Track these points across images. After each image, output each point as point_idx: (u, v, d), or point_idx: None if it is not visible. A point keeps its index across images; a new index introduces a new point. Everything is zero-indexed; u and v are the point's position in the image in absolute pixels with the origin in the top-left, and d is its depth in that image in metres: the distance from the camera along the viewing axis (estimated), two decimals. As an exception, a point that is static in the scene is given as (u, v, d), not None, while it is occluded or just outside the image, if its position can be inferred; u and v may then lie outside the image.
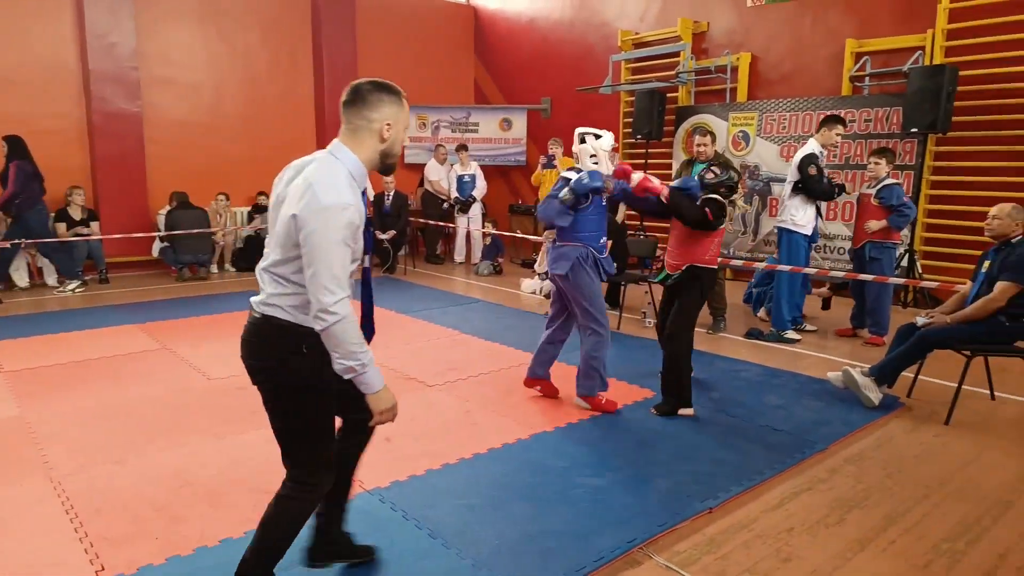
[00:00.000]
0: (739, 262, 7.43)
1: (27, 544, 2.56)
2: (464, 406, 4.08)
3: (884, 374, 4.05)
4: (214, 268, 8.92)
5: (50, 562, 2.45)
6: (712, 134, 5.79)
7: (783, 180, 7.29)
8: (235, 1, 9.40)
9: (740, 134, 8.16)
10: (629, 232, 6.81)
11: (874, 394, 4.03)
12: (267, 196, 9.34)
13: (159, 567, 2.42)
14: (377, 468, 3.21)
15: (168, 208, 8.47)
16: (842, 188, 5.61)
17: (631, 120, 9.02)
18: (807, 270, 5.62)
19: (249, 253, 9.13)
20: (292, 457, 2.09)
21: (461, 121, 11.11)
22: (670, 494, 2.99)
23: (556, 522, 2.75)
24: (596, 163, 3.90)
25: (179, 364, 4.88)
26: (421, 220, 9.84)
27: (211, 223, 8.58)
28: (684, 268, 3.97)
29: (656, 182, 3.79)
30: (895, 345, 4.16)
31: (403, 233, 9.07)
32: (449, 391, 4.34)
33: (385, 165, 2.12)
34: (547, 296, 7.23)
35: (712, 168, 3.97)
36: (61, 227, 7.71)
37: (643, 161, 9.07)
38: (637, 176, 3.81)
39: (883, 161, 5.44)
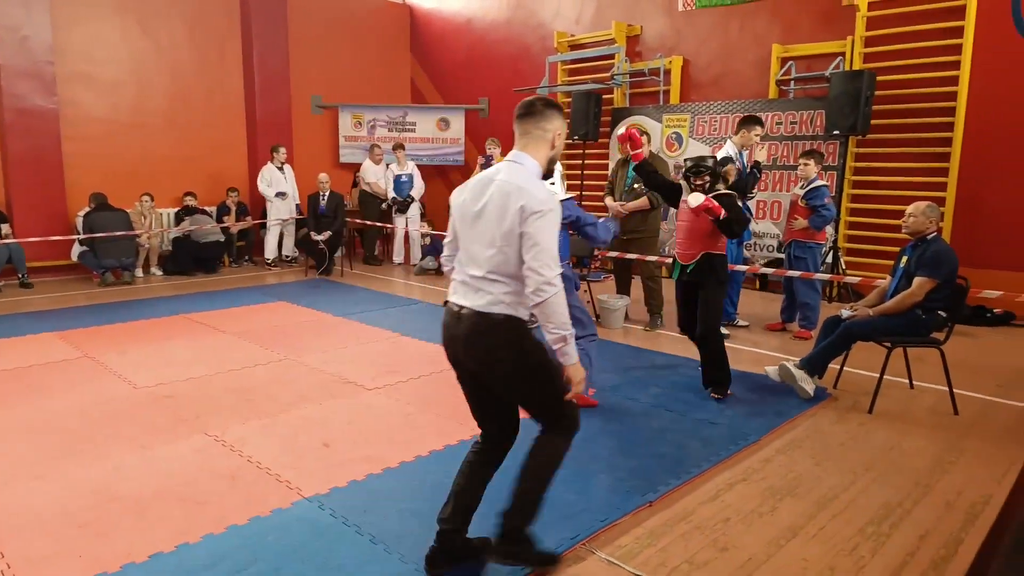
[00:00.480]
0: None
1: (-66, 569, 2.40)
2: (404, 409, 4.03)
3: (814, 366, 4.21)
4: (139, 272, 8.55)
5: (-40, 587, 2.30)
6: (647, 134, 5.90)
7: (715, 180, 7.51)
8: (158, -6, 9.04)
9: (673, 135, 8.35)
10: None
11: (809, 386, 4.18)
12: (195, 197, 9.04)
13: (82, 587, 2.30)
14: (316, 474, 3.14)
15: (87, 210, 8.06)
16: (757, 166, 5.63)
17: (568, 121, 9.10)
18: (738, 267, 5.80)
19: (178, 256, 8.79)
20: (548, 415, 2.40)
21: (398, 120, 10.99)
22: (611, 489, 3.03)
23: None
24: (553, 183, 4.00)
25: (103, 373, 4.66)
26: (358, 221, 9.69)
27: (135, 225, 8.22)
28: (700, 255, 4.19)
29: (715, 203, 3.99)
30: (822, 337, 4.33)
31: (339, 234, 8.90)
32: (389, 394, 4.28)
33: (548, 170, 2.40)
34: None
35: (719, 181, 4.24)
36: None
37: (580, 161, 9.18)
38: (697, 198, 3.99)
39: (811, 162, 5.66)
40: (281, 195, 9.25)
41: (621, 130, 5.53)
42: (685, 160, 4.41)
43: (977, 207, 6.43)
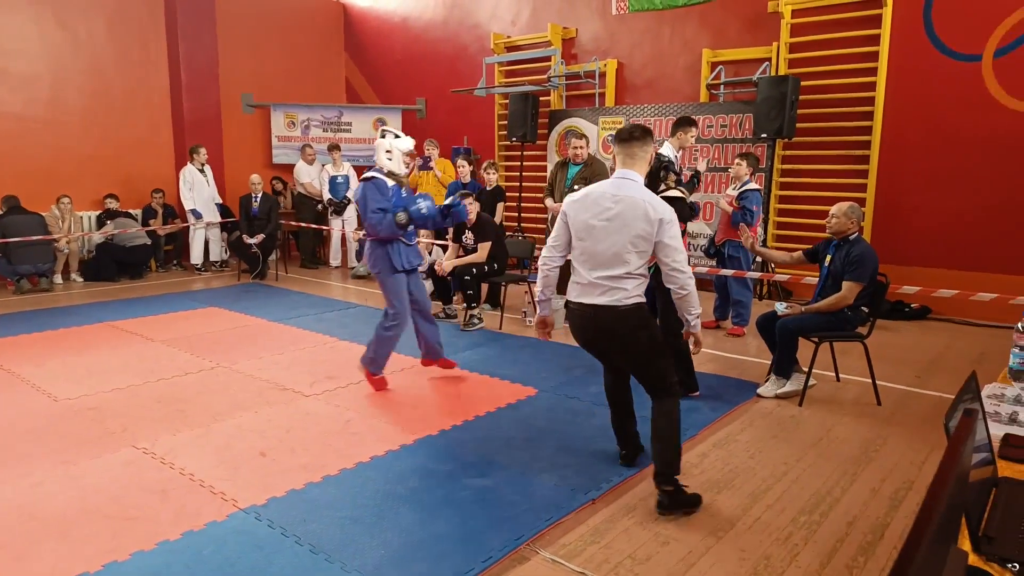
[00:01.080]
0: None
1: None
2: (344, 415, 3.95)
3: (783, 369, 4.35)
4: (58, 279, 8.12)
5: None
6: (587, 137, 6.00)
7: (650, 181, 7.66)
8: (75, -14, 8.61)
9: (609, 137, 8.49)
10: (508, 233, 6.90)
11: (793, 387, 4.31)
12: (117, 199, 8.64)
13: (-1, 614, 2.17)
14: (253, 485, 3.04)
15: (0, 213, 7.60)
16: (696, 173, 5.80)
17: (506, 123, 9.14)
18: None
19: (101, 262, 8.38)
20: (663, 382, 2.97)
21: (333, 120, 10.79)
22: (555, 488, 3.05)
23: (443, 526, 2.72)
24: (390, 159, 4.26)
25: (19, 385, 4.40)
26: (293, 223, 9.46)
27: (51, 229, 7.80)
28: None
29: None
30: (764, 338, 4.46)
31: (273, 237, 8.66)
32: (327, 400, 4.20)
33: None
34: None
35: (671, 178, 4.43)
36: None
37: (519, 163, 9.22)
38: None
39: (744, 163, 5.83)
40: (196, 213, 8.92)
41: (555, 134, 5.60)
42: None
43: (895, 207, 6.77)
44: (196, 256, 9.08)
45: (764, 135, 6.94)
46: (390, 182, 4.23)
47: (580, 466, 3.29)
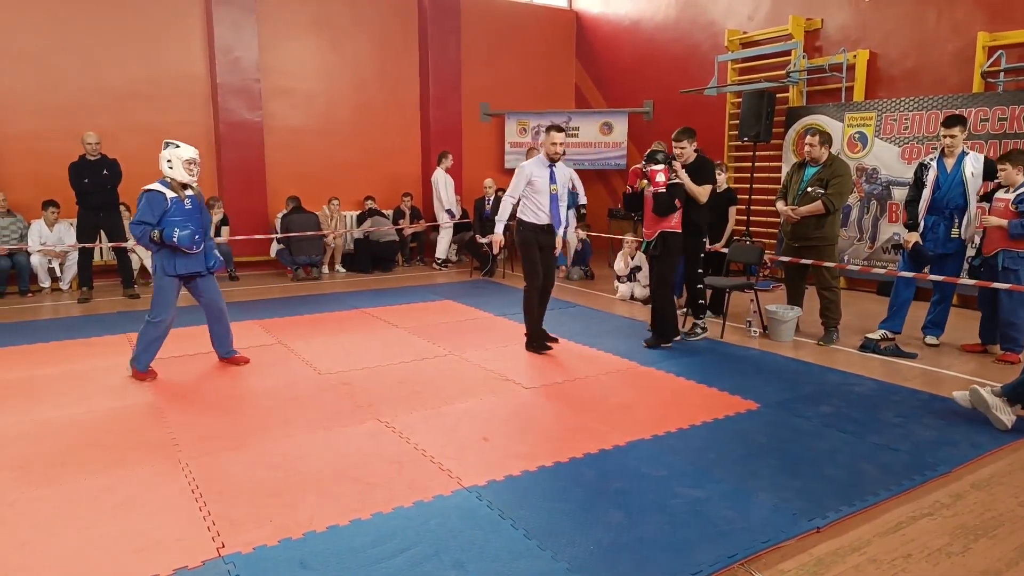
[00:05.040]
0: (856, 267, 7.02)
1: (156, 519, 2.79)
2: (560, 410, 4.08)
3: (1019, 394, 3.72)
4: (325, 269, 9.38)
5: (176, 537, 2.65)
6: (824, 133, 5.54)
7: (904, 183, 6.86)
8: (347, 13, 9.87)
9: (856, 135, 7.74)
10: (736, 237, 6.59)
11: (1007, 416, 3.71)
12: (374, 200, 9.76)
13: (272, 548, 2.57)
14: (475, 466, 3.27)
15: (284, 212, 8.99)
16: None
17: (737, 122, 8.74)
18: (904, 274, 5.25)
19: (358, 255, 9.53)
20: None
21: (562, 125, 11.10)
22: (774, 510, 2.88)
23: (652, 531, 2.70)
24: (171, 167, 4.49)
25: (291, 358, 5.17)
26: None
27: (323, 226, 9.02)
28: (658, 234, 5.30)
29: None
30: None
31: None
32: (545, 394, 4.36)
33: None
34: (645, 302, 7.13)
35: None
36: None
37: (750, 164, 8.77)
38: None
39: (1008, 166, 5.00)
40: (449, 213, 9.72)
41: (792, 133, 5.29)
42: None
43: None
44: (441, 251, 9.92)
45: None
46: (170, 194, 4.46)
47: (804, 490, 3.06)
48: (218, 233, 8.48)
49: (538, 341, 5.39)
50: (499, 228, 5.41)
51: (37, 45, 8.03)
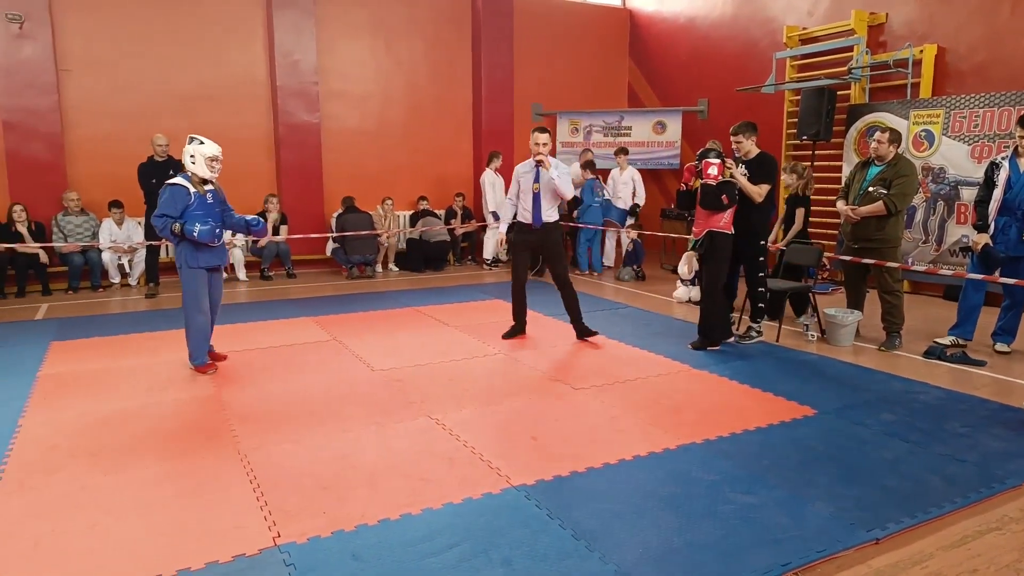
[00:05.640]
0: (921, 268, 6.75)
1: (216, 507, 2.89)
2: (610, 411, 4.06)
3: None
4: (379, 268, 9.54)
5: (235, 525, 2.75)
6: (893, 131, 5.36)
7: (973, 183, 6.58)
8: (402, 15, 10.02)
9: (923, 133, 7.45)
10: (795, 240, 6.41)
11: None
12: (427, 200, 9.87)
13: (325, 539, 2.64)
14: (524, 466, 3.28)
15: (339, 212, 9.18)
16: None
17: (796, 120, 8.52)
18: (1005, 280, 5.02)
19: (411, 255, 9.67)
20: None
21: (613, 125, 11.05)
22: (831, 519, 2.80)
23: (703, 536, 2.67)
24: (194, 163, 4.60)
25: (346, 354, 5.28)
26: (570, 224, 9.86)
27: (377, 226, 9.18)
28: (705, 233, 5.26)
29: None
30: None
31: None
32: (595, 395, 4.34)
33: None
34: (697, 303, 7.02)
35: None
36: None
37: (809, 163, 8.53)
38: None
39: None
40: (495, 215, 9.73)
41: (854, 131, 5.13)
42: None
43: None
44: (489, 251, 9.97)
45: None
46: (192, 188, 4.58)
47: (863, 500, 2.97)
48: (276, 232, 8.74)
49: (514, 331, 5.83)
50: (502, 228, 5.78)
51: (112, 52, 8.42)
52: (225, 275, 8.67)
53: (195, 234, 4.48)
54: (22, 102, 7.94)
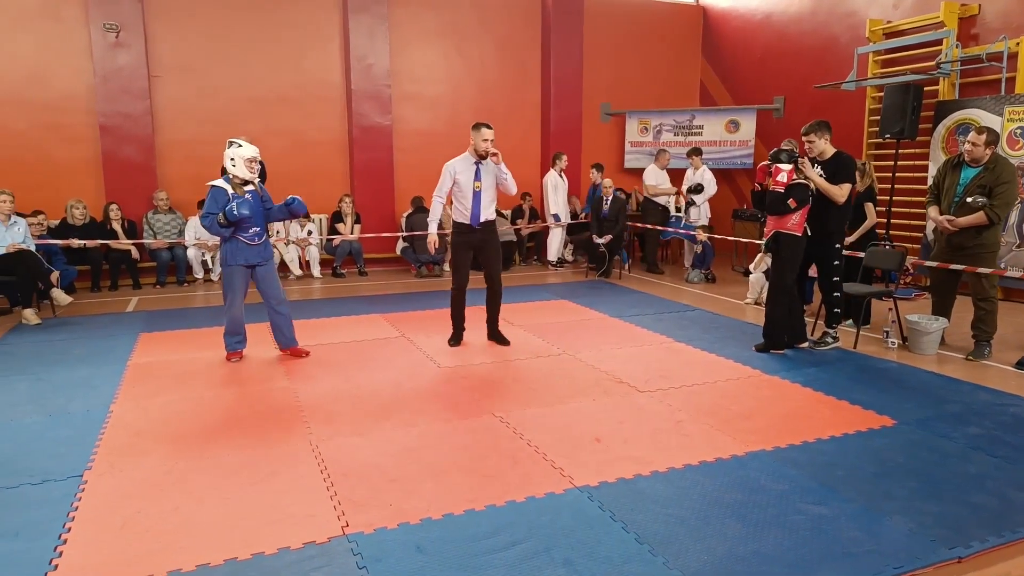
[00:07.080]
0: (1017, 274, 6.37)
1: (289, 495, 3.01)
2: (675, 415, 4.00)
3: None
4: (446, 267, 9.66)
5: (306, 513, 2.85)
6: (991, 131, 5.05)
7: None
8: (473, 17, 10.14)
9: (1018, 131, 7.01)
10: (875, 241, 6.15)
11: None
12: (496, 201, 9.89)
13: (391, 531, 2.70)
14: (587, 467, 3.27)
15: (409, 212, 9.36)
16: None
17: (878, 118, 8.17)
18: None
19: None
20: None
21: (684, 124, 10.85)
22: (910, 535, 2.67)
23: (771, 547, 2.59)
24: (234, 165, 4.84)
25: (414, 352, 5.38)
26: (639, 225, 9.76)
27: (445, 226, 9.30)
28: (772, 234, 5.17)
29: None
30: None
31: (620, 238, 9.07)
32: (660, 399, 4.28)
33: None
34: (758, 303, 6.86)
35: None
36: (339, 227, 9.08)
37: (892, 163, 8.17)
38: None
39: None
40: (556, 217, 9.71)
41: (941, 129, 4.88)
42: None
43: None
44: (553, 252, 9.97)
45: None
46: (230, 189, 4.82)
47: (945, 516, 2.82)
48: (351, 231, 9.00)
49: (457, 338, 5.58)
50: (432, 228, 5.51)
51: (198, 59, 8.86)
52: (301, 273, 9.02)
53: (235, 212, 4.70)
54: (117, 107, 8.45)
